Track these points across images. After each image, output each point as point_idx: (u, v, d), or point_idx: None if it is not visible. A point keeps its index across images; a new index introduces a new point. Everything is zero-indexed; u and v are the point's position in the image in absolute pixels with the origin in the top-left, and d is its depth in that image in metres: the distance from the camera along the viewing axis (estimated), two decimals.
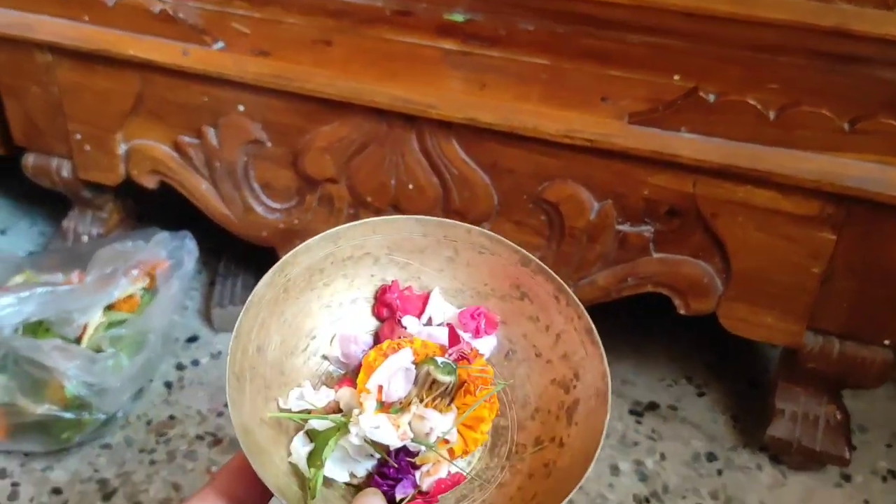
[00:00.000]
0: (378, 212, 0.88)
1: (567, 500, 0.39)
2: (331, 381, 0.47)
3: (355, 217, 0.89)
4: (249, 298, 0.43)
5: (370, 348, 0.47)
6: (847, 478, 0.89)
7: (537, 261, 0.46)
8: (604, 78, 0.82)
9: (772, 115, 0.72)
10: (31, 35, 0.88)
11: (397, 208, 0.87)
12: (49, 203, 1.18)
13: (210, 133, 0.89)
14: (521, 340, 0.47)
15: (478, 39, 0.87)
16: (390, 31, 0.88)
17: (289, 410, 0.44)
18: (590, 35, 0.88)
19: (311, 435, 0.44)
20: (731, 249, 0.78)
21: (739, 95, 0.72)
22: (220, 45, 0.85)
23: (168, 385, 0.95)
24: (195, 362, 0.98)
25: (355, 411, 0.42)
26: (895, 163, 0.70)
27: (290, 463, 0.43)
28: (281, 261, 0.44)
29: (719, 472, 0.89)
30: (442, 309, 0.48)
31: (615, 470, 0.89)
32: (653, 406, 0.97)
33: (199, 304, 1.06)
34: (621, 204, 0.80)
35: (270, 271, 0.44)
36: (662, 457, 0.91)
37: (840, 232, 0.74)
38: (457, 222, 0.47)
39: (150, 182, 0.95)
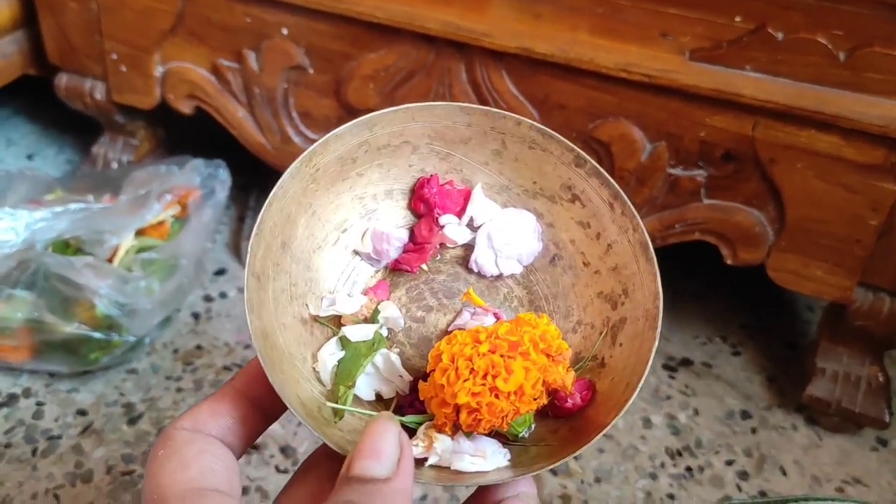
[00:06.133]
0: None
1: (606, 429, 0.36)
2: (360, 277, 0.44)
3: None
4: (273, 191, 0.39)
5: (404, 246, 0.44)
6: (883, 442, 0.87)
7: (593, 162, 0.42)
8: (662, 15, 0.78)
9: (842, 55, 0.69)
10: None
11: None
12: (77, 131, 1.16)
13: (251, 57, 0.87)
14: (568, 246, 0.43)
15: None
16: None
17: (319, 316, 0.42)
18: None
19: (343, 343, 0.41)
20: (786, 197, 0.75)
21: (809, 34, 0.69)
22: None
23: (195, 316, 0.93)
24: (223, 295, 0.96)
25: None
26: None
27: (314, 369, 0.40)
28: (309, 149, 0.40)
29: (753, 431, 0.87)
30: (484, 208, 0.44)
31: (647, 423, 0.87)
32: (687, 362, 0.95)
33: (228, 238, 1.04)
34: (675, 146, 0.77)
35: (297, 161, 0.40)
36: (696, 412, 0.89)
37: None
38: (506, 112, 0.42)
39: (185, 107, 0.93)
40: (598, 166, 0.41)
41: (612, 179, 0.41)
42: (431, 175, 0.44)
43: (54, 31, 0.94)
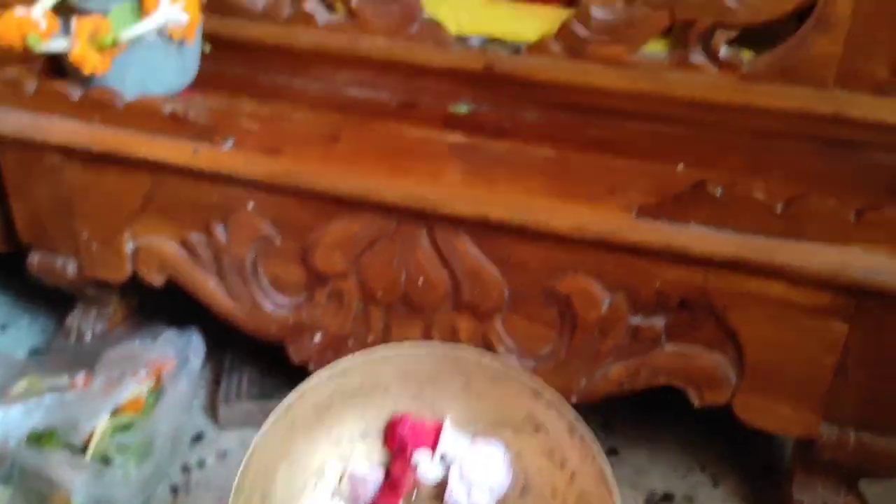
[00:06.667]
0: (388, 306, 0.88)
1: None
2: None
3: (365, 313, 0.89)
4: (252, 446, 0.42)
5: (380, 485, 0.46)
6: None
7: (550, 394, 0.45)
8: (610, 168, 0.83)
9: (779, 207, 0.73)
10: (41, 138, 0.89)
11: (407, 303, 0.86)
12: (50, 300, 1.17)
13: (219, 230, 0.89)
14: (536, 476, 0.46)
15: (483, 131, 0.89)
16: (397, 124, 0.90)
17: None
18: (593, 125, 0.90)
19: None
20: (743, 341, 0.78)
21: (746, 189, 0.73)
22: (230, 143, 0.86)
23: (174, 490, 0.92)
24: (201, 463, 0.95)
25: None
26: None
27: None
28: (286, 402, 0.43)
29: None
30: (455, 442, 0.46)
31: None
32: (668, 497, 0.95)
33: (204, 400, 1.04)
34: (633, 296, 0.80)
35: (273, 416, 0.43)
36: None
37: (852, 323, 0.74)
38: (468, 348, 0.46)
39: (157, 280, 0.95)
40: (554, 397, 0.44)
41: (569, 409, 0.44)
42: (404, 414, 0.46)
43: (25, 214, 0.97)
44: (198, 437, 0.99)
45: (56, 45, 0.85)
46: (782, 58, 0.83)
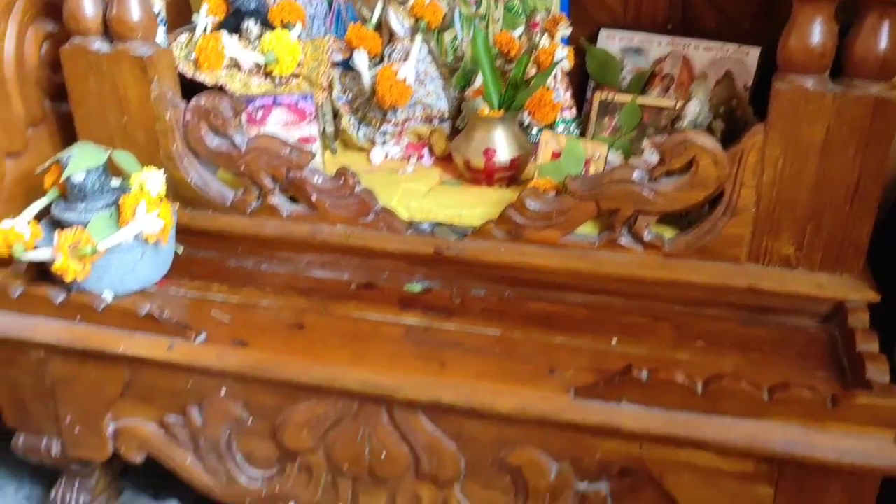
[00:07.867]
0: (355, 478, 0.94)
1: None
2: None
3: (333, 484, 0.95)
4: None
5: None
6: None
7: None
8: (549, 346, 0.91)
9: (699, 388, 0.81)
10: (27, 337, 0.96)
11: (372, 475, 0.93)
12: (34, 467, 1.22)
13: (194, 412, 0.96)
14: None
15: (435, 311, 0.97)
16: (356, 307, 0.98)
17: None
18: (534, 299, 0.99)
19: None
20: None
21: (668, 373, 0.81)
22: (202, 337, 0.93)
23: None
24: None
25: None
26: (814, 425, 0.79)
27: None
28: None
29: None
30: None
31: None
32: None
33: None
34: (577, 465, 0.87)
35: None
36: None
37: (776, 486, 0.82)
38: None
39: (136, 457, 1.01)
40: None
41: None
42: None
43: (10, 401, 1.03)
44: None
45: (39, 254, 0.93)
46: (699, 238, 0.93)
